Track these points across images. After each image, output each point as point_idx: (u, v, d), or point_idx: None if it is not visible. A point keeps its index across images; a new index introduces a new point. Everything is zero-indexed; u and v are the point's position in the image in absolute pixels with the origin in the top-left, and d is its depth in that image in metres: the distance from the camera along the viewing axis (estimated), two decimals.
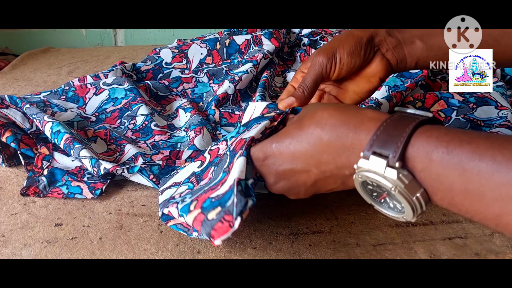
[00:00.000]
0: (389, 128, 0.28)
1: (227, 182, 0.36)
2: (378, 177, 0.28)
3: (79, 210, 0.46)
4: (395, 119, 0.29)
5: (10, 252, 0.40)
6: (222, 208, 0.33)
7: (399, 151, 0.27)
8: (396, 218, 0.31)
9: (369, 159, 0.28)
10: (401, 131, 0.27)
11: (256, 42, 0.82)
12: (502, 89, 0.64)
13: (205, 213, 0.34)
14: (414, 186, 0.27)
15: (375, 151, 0.28)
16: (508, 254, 0.40)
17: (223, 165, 0.40)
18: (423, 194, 0.27)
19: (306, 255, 0.40)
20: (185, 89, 0.75)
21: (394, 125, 0.28)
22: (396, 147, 0.27)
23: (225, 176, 0.37)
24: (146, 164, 0.48)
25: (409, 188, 0.27)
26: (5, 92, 0.79)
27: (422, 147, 0.26)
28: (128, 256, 0.40)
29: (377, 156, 0.28)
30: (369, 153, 0.28)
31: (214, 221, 0.33)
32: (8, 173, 0.53)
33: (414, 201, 0.28)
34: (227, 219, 0.32)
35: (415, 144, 0.27)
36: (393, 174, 0.27)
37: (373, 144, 0.28)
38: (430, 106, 0.62)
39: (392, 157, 0.27)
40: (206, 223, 0.34)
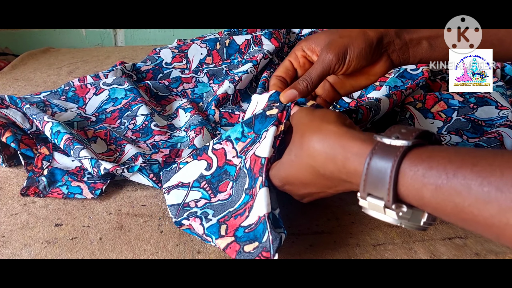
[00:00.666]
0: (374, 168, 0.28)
1: (254, 210, 0.38)
2: (382, 216, 0.29)
3: (79, 210, 0.46)
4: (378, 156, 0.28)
5: (10, 252, 0.40)
6: (260, 244, 0.36)
7: (391, 194, 0.27)
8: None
9: (366, 199, 0.29)
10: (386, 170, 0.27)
11: (256, 42, 0.82)
12: (502, 89, 0.64)
13: (241, 244, 0.37)
14: (418, 215, 0.28)
15: (370, 193, 0.29)
16: (508, 254, 0.40)
17: (243, 183, 0.41)
18: (428, 217, 0.28)
19: (306, 255, 0.40)
20: (185, 89, 0.75)
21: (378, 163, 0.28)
22: (388, 190, 0.27)
23: (250, 201, 0.39)
24: (146, 163, 0.48)
25: (413, 220, 0.28)
26: (5, 92, 0.79)
27: (411, 186, 0.26)
28: (128, 256, 0.40)
29: (374, 198, 0.28)
30: (365, 194, 0.29)
31: (251, 255, 0.36)
32: (8, 173, 0.53)
33: (423, 226, 0.29)
34: (265, 255, 0.35)
35: (404, 183, 0.27)
36: (393, 214, 0.28)
37: (365, 186, 0.29)
38: (431, 107, 0.62)
39: (387, 201, 0.28)
40: (242, 254, 0.36)
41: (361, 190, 0.29)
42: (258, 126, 0.43)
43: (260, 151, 0.40)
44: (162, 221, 0.45)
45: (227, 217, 0.40)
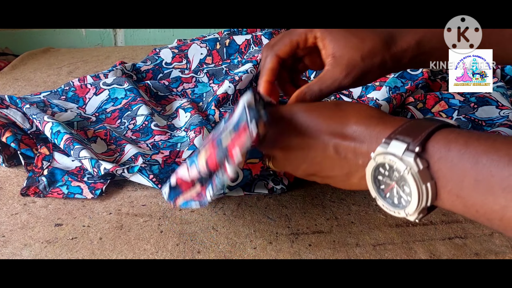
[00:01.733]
0: (415, 123, 0.30)
1: (233, 116, 0.34)
2: (394, 158, 0.29)
3: (79, 210, 0.46)
4: (422, 120, 0.31)
5: (10, 252, 0.40)
6: (236, 127, 0.32)
7: (422, 138, 0.28)
8: (396, 215, 0.31)
9: (389, 144, 0.29)
10: (426, 127, 0.29)
11: (256, 42, 0.82)
12: (503, 89, 0.64)
13: (219, 143, 0.34)
14: (427, 174, 0.28)
15: (397, 138, 0.29)
16: (508, 254, 0.40)
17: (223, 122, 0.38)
18: (432, 186, 0.28)
19: (306, 255, 0.40)
20: (185, 89, 0.75)
21: (420, 122, 0.30)
22: (419, 135, 0.28)
23: (228, 119, 0.36)
24: (146, 164, 0.48)
25: (422, 175, 0.28)
26: (5, 92, 0.79)
27: (442, 138, 0.28)
28: (128, 256, 0.40)
29: (399, 141, 0.29)
30: (391, 139, 0.29)
31: (229, 139, 0.33)
32: (8, 173, 0.53)
33: (423, 189, 0.28)
34: (242, 128, 0.31)
35: (437, 136, 0.28)
36: (410, 156, 0.28)
37: (398, 132, 0.29)
38: (431, 107, 0.62)
39: (413, 142, 0.28)
40: (222, 149, 0.33)
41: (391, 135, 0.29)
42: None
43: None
44: (162, 221, 0.45)
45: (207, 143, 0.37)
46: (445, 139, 0.28)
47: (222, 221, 0.45)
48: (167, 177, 0.49)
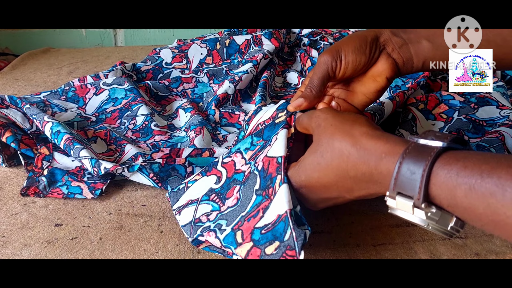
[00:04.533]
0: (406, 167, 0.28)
1: (270, 209, 0.36)
2: (409, 216, 0.29)
3: (79, 210, 0.46)
4: (411, 155, 0.28)
5: (10, 252, 0.40)
6: (281, 243, 0.33)
7: (422, 193, 0.27)
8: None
9: (395, 199, 0.29)
10: (419, 169, 0.27)
11: (256, 42, 0.82)
12: (503, 89, 0.64)
13: (261, 247, 0.34)
14: (446, 218, 0.28)
15: (399, 192, 0.28)
16: (508, 254, 0.40)
17: (252, 185, 0.40)
18: (456, 221, 0.28)
19: (306, 255, 0.40)
20: (185, 89, 0.75)
21: (411, 162, 0.28)
22: (419, 189, 0.27)
23: (264, 201, 0.37)
24: (146, 162, 0.48)
25: (441, 223, 0.28)
26: (5, 92, 0.79)
27: (444, 184, 0.26)
28: (128, 256, 0.40)
29: (403, 197, 0.28)
30: (394, 193, 0.29)
31: (275, 256, 0.33)
32: (8, 173, 0.53)
33: (449, 231, 0.28)
34: (290, 254, 0.33)
35: (436, 182, 0.27)
36: (421, 214, 0.28)
37: (395, 185, 0.28)
38: (432, 109, 0.62)
39: (416, 199, 0.27)
40: (265, 256, 0.34)
41: (390, 189, 0.28)
42: (267, 134, 0.42)
43: (273, 151, 0.39)
44: (162, 221, 0.45)
45: (240, 222, 0.38)
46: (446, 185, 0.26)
47: None
48: (168, 176, 0.49)
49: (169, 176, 0.49)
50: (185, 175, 0.50)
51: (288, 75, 0.82)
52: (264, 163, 0.39)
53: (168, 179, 0.49)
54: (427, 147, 0.28)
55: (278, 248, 0.33)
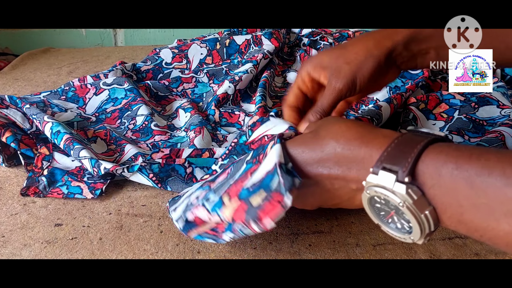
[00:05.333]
0: (401, 145, 0.28)
1: (260, 169, 0.34)
2: (386, 192, 0.28)
3: (79, 210, 0.46)
4: (407, 136, 0.29)
5: (10, 252, 0.40)
6: (268, 191, 0.31)
7: (409, 166, 0.26)
8: (403, 240, 0.30)
9: (378, 174, 0.28)
10: (412, 148, 0.27)
11: (256, 42, 0.82)
12: (503, 89, 0.64)
13: (247, 201, 0.32)
14: (423, 203, 0.27)
15: (384, 167, 0.28)
16: (508, 254, 0.40)
17: (244, 158, 0.39)
18: (431, 212, 0.27)
19: (306, 255, 0.40)
20: (185, 89, 0.75)
21: (405, 142, 0.28)
22: (406, 162, 0.27)
23: (253, 166, 0.36)
24: (146, 163, 0.48)
25: (417, 204, 0.27)
26: (5, 92, 0.79)
27: (431, 163, 0.26)
28: (128, 256, 0.40)
29: (387, 171, 0.28)
30: (378, 168, 0.28)
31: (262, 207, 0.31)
32: (8, 173, 0.53)
33: (422, 219, 0.27)
34: (275, 198, 0.31)
35: (425, 160, 0.27)
36: (402, 189, 0.27)
37: (383, 159, 0.28)
38: (433, 108, 0.62)
39: (401, 172, 0.27)
40: (251, 209, 0.32)
41: (376, 164, 0.28)
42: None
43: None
44: (162, 221, 0.45)
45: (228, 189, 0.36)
46: (434, 163, 0.26)
47: None
48: (167, 176, 0.49)
49: (169, 177, 0.49)
50: (185, 176, 0.50)
51: (288, 75, 0.82)
52: (257, 145, 0.39)
53: (168, 180, 0.49)
54: (427, 133, 0.29)
55: (265, 197, 0.32)
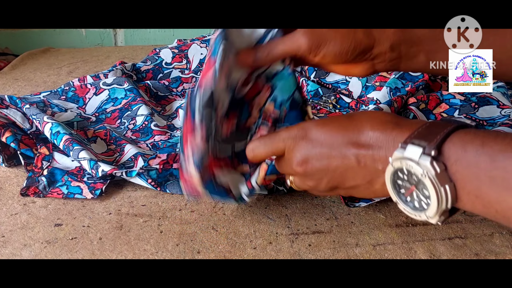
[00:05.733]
0: (432, 126, 0.30)
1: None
2: (411, 163, 0.29)
3: (79, 210, 0.46)
4: (439, 122, 0.30)
5: (10, 252, 0.40)
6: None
7: (438, 141, 0.28)
8: (418, 218, 0.31)
9: (405, 148, 0.29)
10: (442, 128, 0.29)
11: None
12: (503, 89, 0.64)
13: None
14: (445, 177, 0.28)
15: (413, 142, 0.29)
16: (508, 255, 0.40)
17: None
18: (451, 189, 0.28)
19: (306, 255, 0.40)
20: (185, 89, 0.75)
21: (437, 124, 0.30)
22: (435, 139, 0.28)
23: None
24: (143, 169, 0.48)
25: (439, 177, 0.28)
26: (5, 92, 0.79)
27: (458, 140, 0.28)
28: (128, 256, 0.40)
29: (415, 146, 0.29)
30: (406, 144, 0.29)
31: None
32: (8, 173, 0.53)
33: (441, 192, 0.28)
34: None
35: (453, 138, 0.28)
36: (427, 160, 0.28)
37: (413, 136, 0.29)
38: (433, 108, 0.62)
39: (429, 145, 0.28)
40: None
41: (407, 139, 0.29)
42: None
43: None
44: (161, 221, 0.45)
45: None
46: (461, 141, 0.28)
47: (222, 221, 0.45)
48: (165, 181, 0.49)
49: (167, 181, 0.49)
50: None
51: None
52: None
53: (167, 184, 0.49)
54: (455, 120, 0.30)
55: None
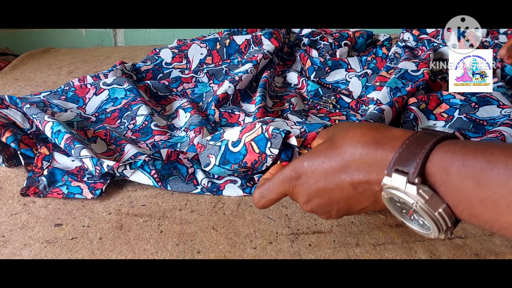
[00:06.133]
0: (411, 146, 0.29)
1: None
2: (400, 194, 0.29)
3: (79, 210, 0.46)
4: (417, 136, 0.29)
5: (10, 252, 0.40)
6: None
7: (418, 167, 0.27)
8: (426, 236, 0.31)
9: (391, 176, 0.29)
10: (421, 148, 0.28)
11: (256, 42, 0.82)
12: (503, 89, 0.64)
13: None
14: (436, 201, 0.27)
15: (397, 168, 0.28)
16: (508, 255, 0.40)
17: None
18: (445, 210, 0.27)
19: (306, 255, 0.40)
20: (185, 89, 0.75)
21: (415, 142, 0.29)
22: (416, 164, 0.27)
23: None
24: (150, 157, 0.48)
25: (430, 204, 0.27)
26: (5, 92, 0.79)
27: (439, 161, 0.27)
28: (128, 256, 0.40)
29: (399, 174, 0.28)
30: (391, 170, 0.29)
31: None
32: (8, 173, 0.53)
33: (436, 217, 0.28)
34: None
35: (433, 159, 0.27)
36: (413, 190, 0.28)
37: (395, 161, 0.29)
38: (434, 108, 0.62)
39: (411, 173, 0.27)
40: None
41: (390, 165, 0.29)
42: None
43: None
44: (161, 221, 0.45)
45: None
46: (441, 162, 0.27)
47: (222, 221, 0.45)
48: (169, 175, 0.49)
49: (170, 175, 0.49)
50: (186, 176, 0.50)
51: (288, 75, 0.82)
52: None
53: (169, 179, 0.49)
54: (435, 131, 0.29)
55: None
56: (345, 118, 0.66)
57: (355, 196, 0.34)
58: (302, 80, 0.76)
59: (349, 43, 0.86)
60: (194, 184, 0.50)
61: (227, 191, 0.49)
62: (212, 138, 0.49)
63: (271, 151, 0.43)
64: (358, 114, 0.67)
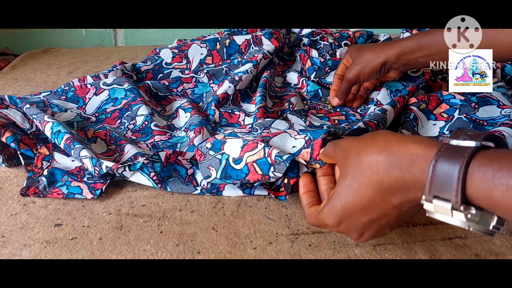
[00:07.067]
0: (441, 169, 0.27)
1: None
2: (449, 219, 0.28)
3: (79, 210, 0.46)
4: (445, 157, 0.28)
5: (10, 252, 0.40)
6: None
7: (460, 195, 0.26)
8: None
9: (432, 202, 0.28)
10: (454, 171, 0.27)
11: (256, 42, 0.82)
12: (503, 89, 0.64)
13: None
14: (487, 218, 0.27)
15: (436, 195, 0.28)
16: (508, 255, 0.40)
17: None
18: (498, 220, 0.27)
19: (306, 255, 0.40)
20: (185, 89, 0.75)
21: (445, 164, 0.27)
22: (456, 192, 0.26)
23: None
24: (149, 160, 0.48)
25: (482, 223, 0.27)
26: (5, 92, 0.79)
27: (480, 186, 0.26)
28: (128, 257, 0.40)
29: (440, 200, 0.28)
30: (430, 197, 0.28)
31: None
32: (8, 173, 0.53)
33: (491, 230, 0.28)
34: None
35: (472, 184, 0.26)
36: (461, 217, 0.27)
37: (431, 188, 0.28)
38: (434, 109, 0.61)
39: (454, 202, 0.27)
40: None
41: (426, 193, 0.28)
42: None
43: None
44: (162, 221, 0.45)
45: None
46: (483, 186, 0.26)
47: (222, 222, 0.45)
48: (168, 177, 0.49)
49: (170, 177, 0.49)
50: (186, 177, 0.50)
51: (288, 75, 0.82)
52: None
53: (168, 181, 0.49)
54: (460, 147, 0.28)
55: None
56: (344, 118, 0.66)
57: (403, 214, 0.33)
58: (302, 80, 0.76)
59: (349, 43, 0.86)
60: (193, 185, 0.50)
61: (227, 192, 0.49)
62: (212, 147, 0.49)
63: (274, 174, 0.44)
64: (357, 114, 0.67)
